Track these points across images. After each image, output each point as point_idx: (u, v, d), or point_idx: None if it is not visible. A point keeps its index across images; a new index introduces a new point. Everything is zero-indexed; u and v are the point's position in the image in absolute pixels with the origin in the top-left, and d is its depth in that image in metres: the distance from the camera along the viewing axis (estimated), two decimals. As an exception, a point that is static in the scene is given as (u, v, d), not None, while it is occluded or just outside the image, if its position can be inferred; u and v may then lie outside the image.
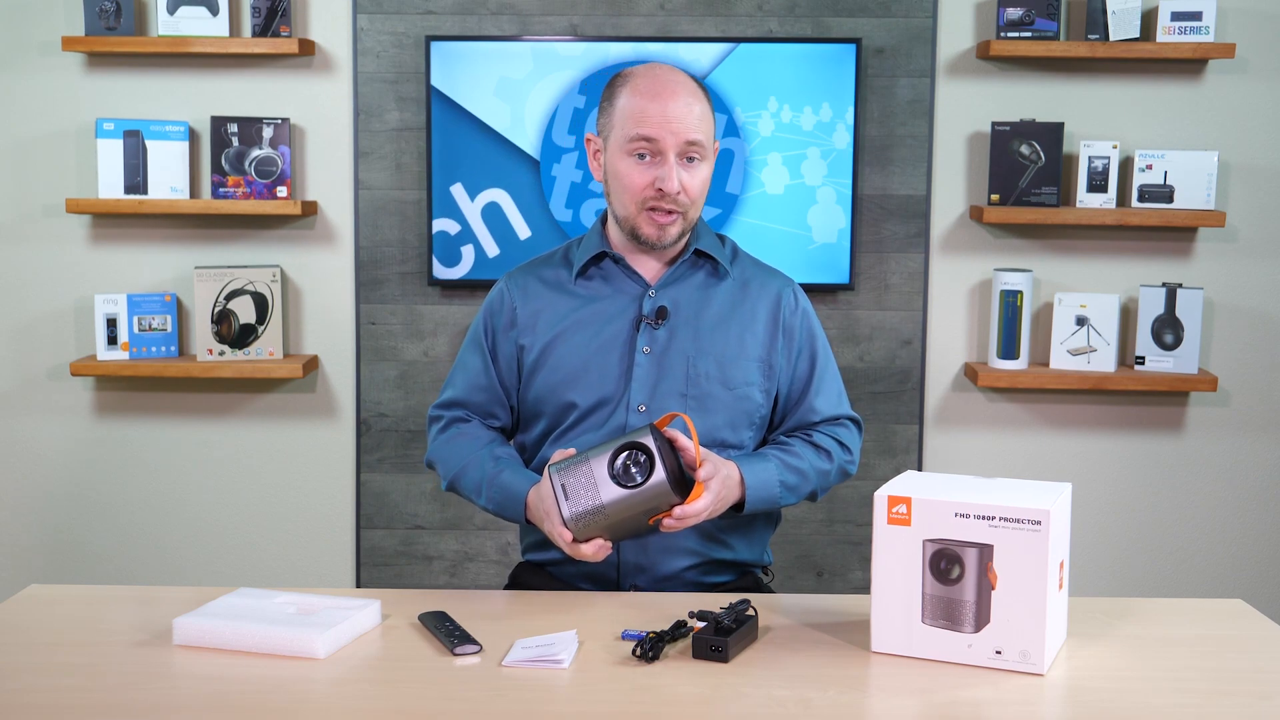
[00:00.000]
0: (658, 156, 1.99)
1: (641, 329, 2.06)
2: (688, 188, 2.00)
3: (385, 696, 1.57)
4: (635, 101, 1.99)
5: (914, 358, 3.46)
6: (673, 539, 2.03)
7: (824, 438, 2.10)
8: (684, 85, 2.01)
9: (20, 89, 3.41)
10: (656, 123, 1.97)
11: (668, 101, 1.98)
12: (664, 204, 2.00)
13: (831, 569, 3.51)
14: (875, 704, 1.58)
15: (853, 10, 3.35)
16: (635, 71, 2.04)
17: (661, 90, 1.99)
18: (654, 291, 2.08)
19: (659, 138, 1.97)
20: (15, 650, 1.71)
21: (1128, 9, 3.25)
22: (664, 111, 1.97)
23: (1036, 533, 1.61)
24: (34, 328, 3.48)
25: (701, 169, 2.02)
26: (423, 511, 3.51)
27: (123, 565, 3.53)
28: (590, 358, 2.06)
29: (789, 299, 2.12)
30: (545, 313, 2.10)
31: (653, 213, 2.01)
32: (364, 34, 3.37)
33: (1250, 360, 3.46)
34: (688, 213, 2.03)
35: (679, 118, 1.97)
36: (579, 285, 2.11)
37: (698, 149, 2.00)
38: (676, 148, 1.98)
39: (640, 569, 2.05)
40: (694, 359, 2.05)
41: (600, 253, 2.09)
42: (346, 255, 3.45)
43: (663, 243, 2.03)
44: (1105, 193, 3.31)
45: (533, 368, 2.09)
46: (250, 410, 3.51)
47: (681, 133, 1.97)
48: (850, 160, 3.34)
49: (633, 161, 2.00)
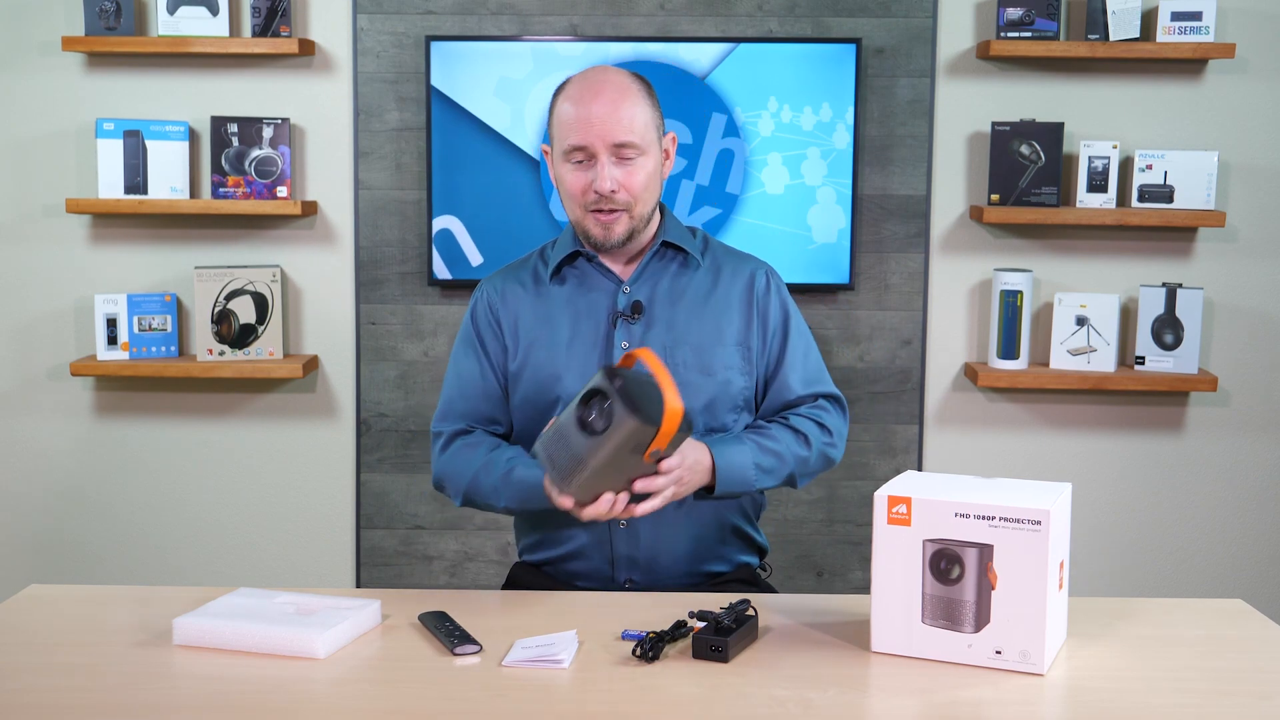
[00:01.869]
0: (591, 160, 2.01)
1: (618, 325, 2.08)
2: (626, 185, 2.02)
3: (385, 696, 1.57)
4: (565, 109, 2.03)
5: (914, 358, 3.46)
6: (665, 529, 2.04)
7: (803, 420, 2.10)
8: (611, 85, 2.02)
9: (20, 89, 3.41)
10: (583, 128, 2.00)
11: (591, 105, 2.00)
12: (603, 204, 2.02)
13: (831, 569, 3.51)
14: (875, 704, 1.58)
15: (853, 10, 3.35)
16: (572, 79, 2.07)
17: (585, 94, 2.01)
18: (628, 287, 2.10)
19: (587, 143, 2.00)
20: (15, 650, 1.71)
21: (1128, 9, 3.25)
22: (588, 116, 2.00)
23: (1036, 533, 1.61)
24: (34, 328, 3.48)
25: (642, 164, 2.03)
26: (423, 511, 3.51)
27: (123, 565, 3.53)
28: (570, 357, 2.08)
29: (761, 281, 2.14)
30: (524, 316, 2.13)
31: (596, 214, 2.04)
32: (364, 34, 3.37)
33: (1250, 360, 3.46)
34: (632, 209, 2.04)
35: (603, 119, 1.99)
36: (554, 286, 2.13)
37: (629, 149, 2.01)
38: (606, 149, 2.00)
39: (634, 562, 2.05)
40: (671, 349, 2.06)
41: (573, 252, 2.12)
42: (346, 255, 3.45)
43: (610, 242, 2.05)
44: (1105, 193, 3.31)
45: (517, 371, 2.11)
46: (250, 410, 3.51)
47: (607, 134, 1.99)
48: (850, 160, 3.34)
49: (570, 168, 2.03)
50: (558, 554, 2.11)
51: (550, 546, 2.12)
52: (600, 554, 2.06)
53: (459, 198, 3.37)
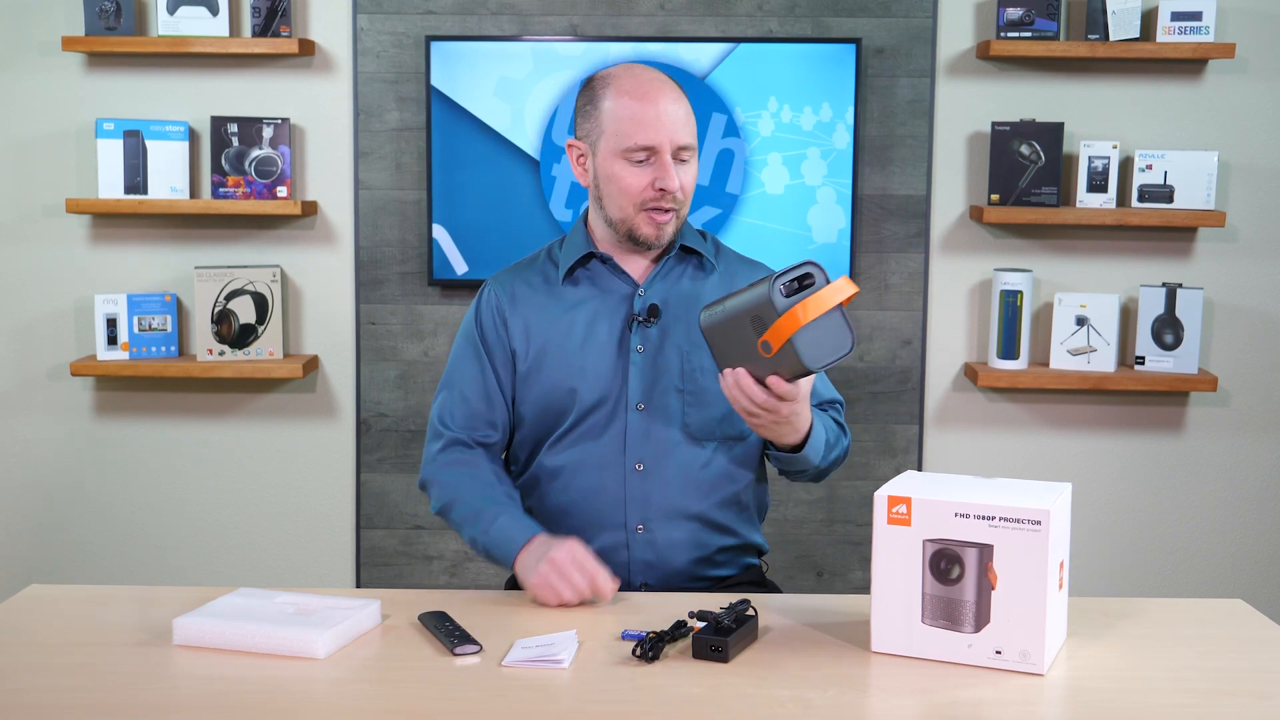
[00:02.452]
0: (653, 158, 2.00)
1: (634, 328, 2.06)
2: (684, 186, 2.02)
3: (385, 696, 1.57)
4: (627, 105, 1.99)
5: (914, 358, 3.46)
6: (681, 532, 2.04)
7: (829, 420, 2.11)
8: (670, 86, 2.03)
9: (20, 89, 3.41)
10: (653, 127, 1.98)
11: (659, 104, 1.99)
12: (664, 203, 2.01)
13: (831, 569, 3.51)
14: (875, 704, 1.58)
15: (853, 10, 3.35)
16: (615, 74, 2.04)
17: (648, 92, 2.00)
18: (644, 290, 2.08)
19: (656, 143, 1.98)
20: (15, 650, 1.71)
21: (1128, 9, 3.25)
22: (658, 115, 1.98)
23: (1036, 533, 1.61)
24: (34, 328, 3.48)
25: (693, 166, 2.05)
26: (423, 511, 3.51)
27: (123, 565, 3.53)
28: (585, 360, 2.05)
29: None
30: (535, 317, 2.09)
31: (652, 212, 2.02)
32: (364, 34, 3.37)
33: (1250, 360, 3.46)
34: (682, 210, 2.05)
35: (672, 119, 1.99)
36: (567, 288, 2.10)
37: (687, 150, 2.02)
38: (671, 149, 1.99)
39: (649, 566, 2.05)
40: (688, 354, 2.05)
41: (587, 254, 2.09)
42: (346, 255, 3.45)
43: (660, 242, 2.04)
44: (1105, 193, 3.31)
45: (527, 373, 2.09)
46: (250, 410, 3.51)
47: (676, 135, 1.99)
48: (850, 160, 3.34)
49: (629, 166, 2.00)
50: None
51: None
52: (616, 559, 2.04)
53: (450, 203, 3.37)
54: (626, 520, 2.04)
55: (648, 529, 2.04)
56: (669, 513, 2.04)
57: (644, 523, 2.03)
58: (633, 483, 2.03)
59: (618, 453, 2.04)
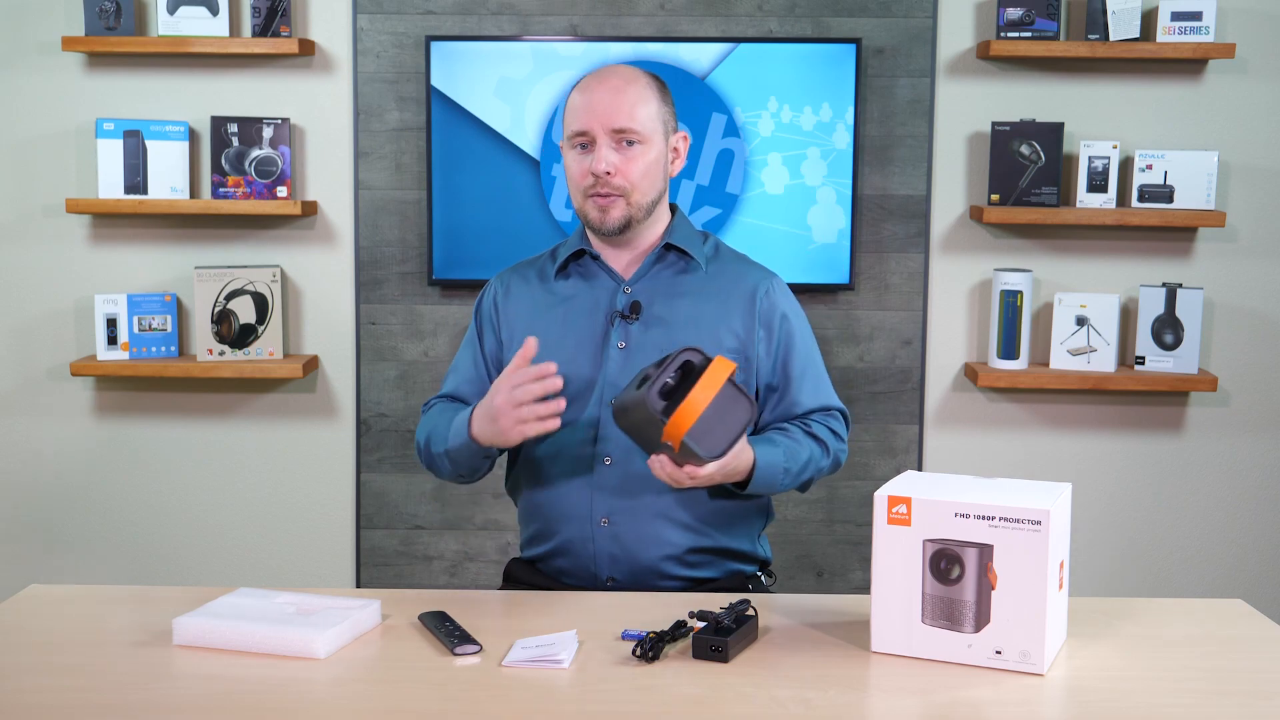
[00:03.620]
0: (592, 145, 2.06)
1: (616, 324, 2.08)
2: (622, 170, 2.04)
3: (385, 696, 1.57)
4: (573, 98, 2.09)
5: (914, 358, 3.46)
6: (646, 529, 2.04)
7: (820, 428, 2.11)
8: (618, 75, 2.08)
9: (20, 89, 3.41)
10: (585, 113, 2.05)
11: (595, 92, 2.05)
12: (599, 188, 2.05)
13: (831, 569, 3.51)
14: (875, 704, 1.58)
15: (853, 10, 3.35)
16: (587, 75, 2.13)
17: (591, 84, 2.08)
18: (628, 287, 2.11)
19: (587, 128, 2.04)
20: (15, 650, 1.71)
21: (1128, 9, 3.25)
22: (590, 102, 2.05)
23: (1036, 533, 1.61)
24: (34, 328, 3.48)
25: (641, 153, 2.06)
26: (423, 511, 3.51)
27: (123, 565, 3.53)
28: (564, 354, 2.07)
29: (764, 292, 2.13)
30: (526, 309, 2.16)
31: (595, 198, 2.06)
32: (364, 34, 3.37)
33: (1250, 360, 3.46)
34: (629, 196, 2.06)
35: (604, 104, 2.04)
36: (558, 282, 2.15)
37: (629, 134, 2.04)
38: (605, 134, 2.04)
39: (614, 559, 2.05)
40: (666, 351, 2.05)
41: (579, 250, 2.14)
42: (346, 255, 3.45)
43: (606, 226, 2.07)
44: (1105, 193, 3.31)
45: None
46: (250, 410, 3.51)
47: (607, 120, 2.03)
48: (850, 160, 3.34)
49: (574, 154, 2.08)
50: (546, 550, 2.12)
51: (540, 542, 2.13)
52: (583, 550, 2.06)
53: (450, 203, 3.37)
54: (593, 513, 2.06)
55: (613, 522, 2.05)
56: (635, 508, 2.05)
57: (609, 516, 2.05)
58: (601, 476, 2.05)
59: (588, 445, 2.06)
